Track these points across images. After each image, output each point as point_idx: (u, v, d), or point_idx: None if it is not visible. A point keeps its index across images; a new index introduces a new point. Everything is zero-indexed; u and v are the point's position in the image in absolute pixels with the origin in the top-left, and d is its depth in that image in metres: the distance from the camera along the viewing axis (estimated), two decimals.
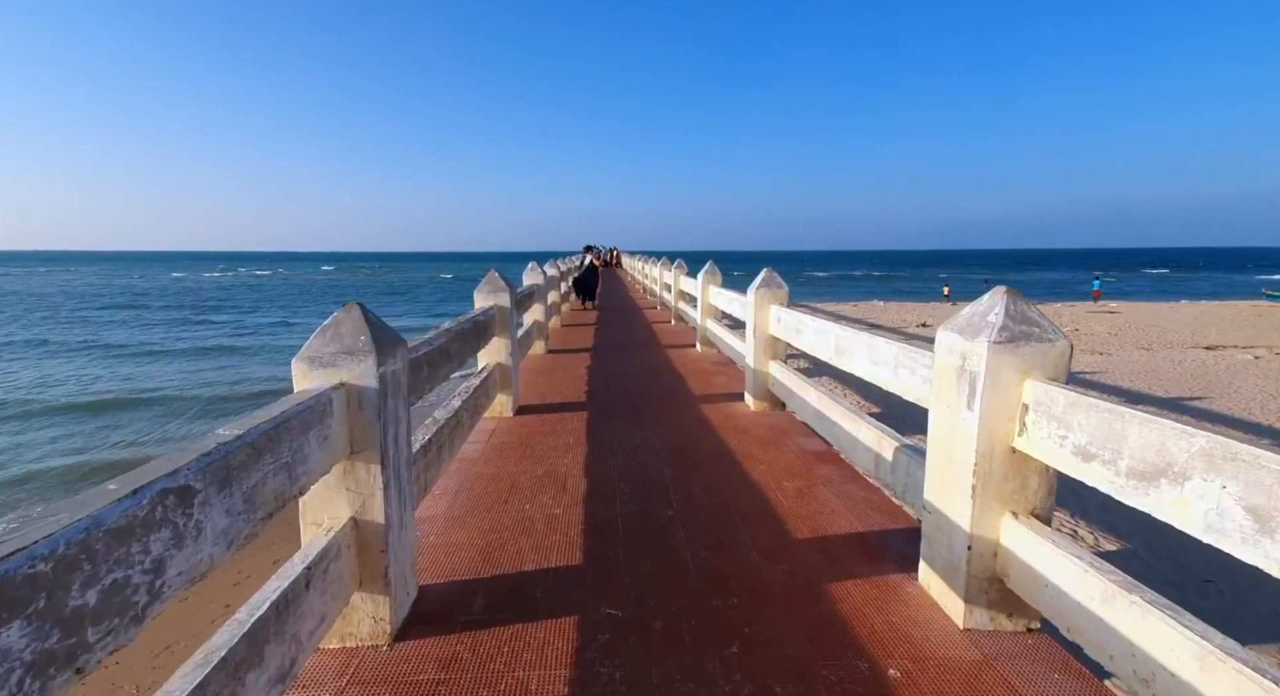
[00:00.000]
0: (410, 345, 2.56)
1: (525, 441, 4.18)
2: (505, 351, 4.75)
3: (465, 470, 3.64)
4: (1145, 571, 5.44)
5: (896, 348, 2.73)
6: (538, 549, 2.67)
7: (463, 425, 3.47)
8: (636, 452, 3.93)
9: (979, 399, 1.98)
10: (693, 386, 5.91)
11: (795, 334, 4.19)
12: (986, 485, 2.02)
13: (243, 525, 1.33)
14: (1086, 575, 1.69)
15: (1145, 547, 6.24)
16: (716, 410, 4.99)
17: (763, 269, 5.06)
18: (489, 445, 4.10)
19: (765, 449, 3.98)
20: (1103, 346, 19.64)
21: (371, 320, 2.00)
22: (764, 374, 4.92)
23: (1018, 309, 2.01)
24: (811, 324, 3.86)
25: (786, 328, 4.43)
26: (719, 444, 4.09)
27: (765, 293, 4.84)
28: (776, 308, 4.74)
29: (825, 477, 3.47)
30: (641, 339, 9.29)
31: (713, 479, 3.47)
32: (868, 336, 3.05)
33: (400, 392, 2.14)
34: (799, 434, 4.30)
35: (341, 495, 1.93)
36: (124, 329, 27.30)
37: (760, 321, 4.87)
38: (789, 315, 4.39)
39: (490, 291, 4.73)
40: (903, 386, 2.68)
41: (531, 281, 7.54)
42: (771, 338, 4.86)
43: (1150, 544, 6.28)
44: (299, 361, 1.88)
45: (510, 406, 4.84)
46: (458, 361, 3.36)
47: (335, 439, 1.80)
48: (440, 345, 2.96)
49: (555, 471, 3.61)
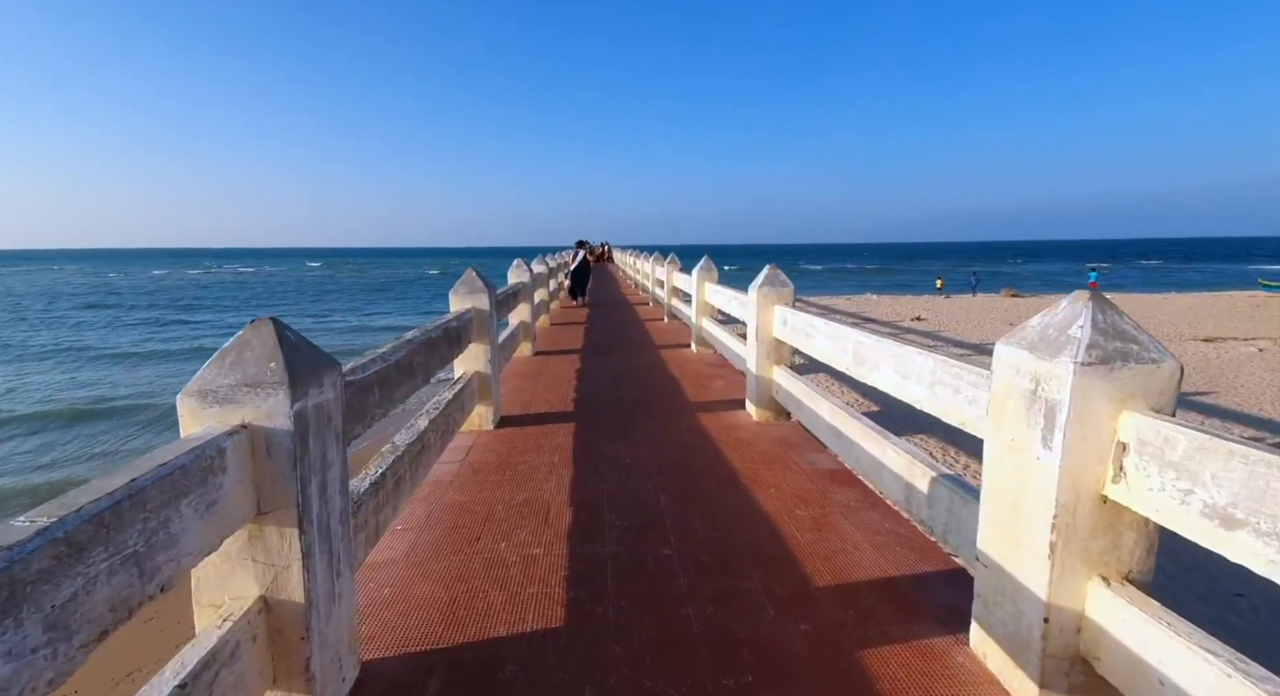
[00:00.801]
0: (353, 366, 2.12)
1: (505, 461, 3.74)
2: (484, 358, 4.30)
3: (435, 497, 3.20)
4: (1170, 584, 5.09)
5: (934, 362, 2.31)
6: (512, 604, 2.24)
7: (431, 447, 3.03)
8: (629, 473, 3.51)
9: (1060, 434, 1.57)
10: (689, 392, 5.49)
11: (804, 338, 3.77)
12: (1069, 542, 1.60)
13: (43, 666, 0.89)
14: (1208, 666, 1.28)
15: (1167, 558, 5.91)
16: (716, 420, 4.57)
17: (764, 265, 4.64)
18: (464, 465, 3.66)
19: (772, 468, 3.56)
20: None
21: (288, 340, 1.56)
22: (767, 380, 4.50)
23: (1109, 320, 1.59)
24: (824, 328, 3.44)
25: (793, 330, 4.01)
26: (721, 462, 3.67)
27: (769, 291, 4.42)
28: (781, 308, 4.32)
29: (843, 503, 3.06)
30: (634, 338, 8.86)
31: (715, 507, 3.05)
32: (894, 345, 2.63)
33: (331, 429, 1.70)
34: (808, 448, 3.88)
35: (246, 569, 1.49)
36: (93, 330, 26.32)
37: (763, 323, 4.44)
38: (796, 317, 3.97)
39: (467, 293, 4.28)
40: (942, 408, 2.26)
41: (517, 280, 7.09)
42: (775, 341, 4.44)
43: (1171, 552, 5.97)
44: (187, 397, 1.44)
45: (490, 418, 4.40)
46: (424, 375, 2.92)
47: (230, 501, 1.37)
48: (398, 360, 2.52)
49: (537, 498, 3.18)
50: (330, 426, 1.69)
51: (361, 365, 2.19)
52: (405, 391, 2.62)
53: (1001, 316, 25.05)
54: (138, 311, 34.07)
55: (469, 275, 4.31)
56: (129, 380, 15.98)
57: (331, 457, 1.69)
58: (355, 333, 25.36)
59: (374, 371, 2.24)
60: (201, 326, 27.86)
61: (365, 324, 28.46)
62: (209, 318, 31.57)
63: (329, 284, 59.16)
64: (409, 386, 2.67)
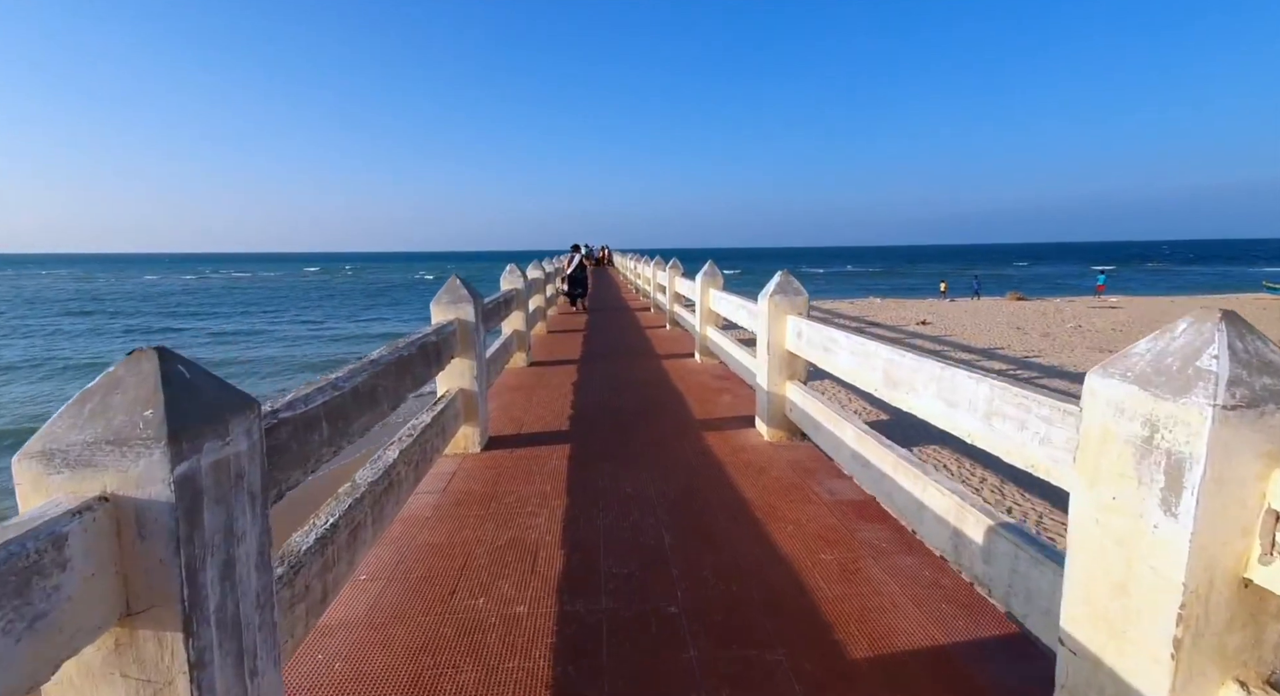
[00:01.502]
0: (294, 397, 1.75)
1: (490, 491, 3.36)
2: (469, 374, 3.93)
3: (408, 537, 2.82)
4: None
5: (990, 387, 1.93)
6: (487, 683, 1.86)
7: (402, 482, 2.65)
8: (629, 506, 3.12)
9: (1191, 499, 1.19)
10: (694, 407, 5.11)
11: (823, 353, 3.39)
12: (1198, 637, 1.22)
13: None
14: None
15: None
16: (724, 440, 4.19)
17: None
18: (445, 496, 3.28)
19: (790, 499, 3.18)
20: (1110, 343, 19.02)
21: (177, 377, 1.18)
22: (779, 397, 4.12)
23: (1251, 349, 1.22)
24: (847, 342, 3.06)
25: (810, 344, 3.63)
26: (731, 491, 3.29)
27: (781, 300, 4.04)
28: (795, 319, 3.94)
29: (872, 544, 2.68)
30: (634, 346, 8.48)
31: (727, 549, 2.67)
32: (937, 365, 2.25)
33: (242, 490, 1.32)
34: (827, 474, 3.50)
35: (113, 687, 1.12)
36: (70, 340, 25.24)
37: (775, 335, 4.06)
38: (813, 329, 3.59)
39: (450, 303, 3.90)
40: (1004, 446, 1.88)
41: (510, 286, 6.72)
42: (789, 354, 4.06)
43: None
44: (26, 460, 1.07)
45: (477, 440, 4.02)
46: (392, 400, 2.55)
47: (73, 608, 0.99)
48: (356, 386, 2.15)
49: (524, 538, 2.80)
50: (241, 486, 1.31)
51: (305, 395, 1.81)
52: (367, 421, 2.24)
53: (1008, 320, 24.68)
54: (122, 318, 33.23)
55: (452, 283, 3.94)
56: None
57: (242, 528, 1.31)
58: (352, 342, 24.56)
59: (320, 402, 1.86)
60: (188, 333, 27.06)
61: (364, 332, 27.58)
62: (197, 324, 30.75)
63: (325, 289, 58.41)
64: (372, 415, 2.29)
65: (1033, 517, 6.66)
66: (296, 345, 23.54)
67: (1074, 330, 21.89)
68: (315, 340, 24.70)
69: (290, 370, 17.68)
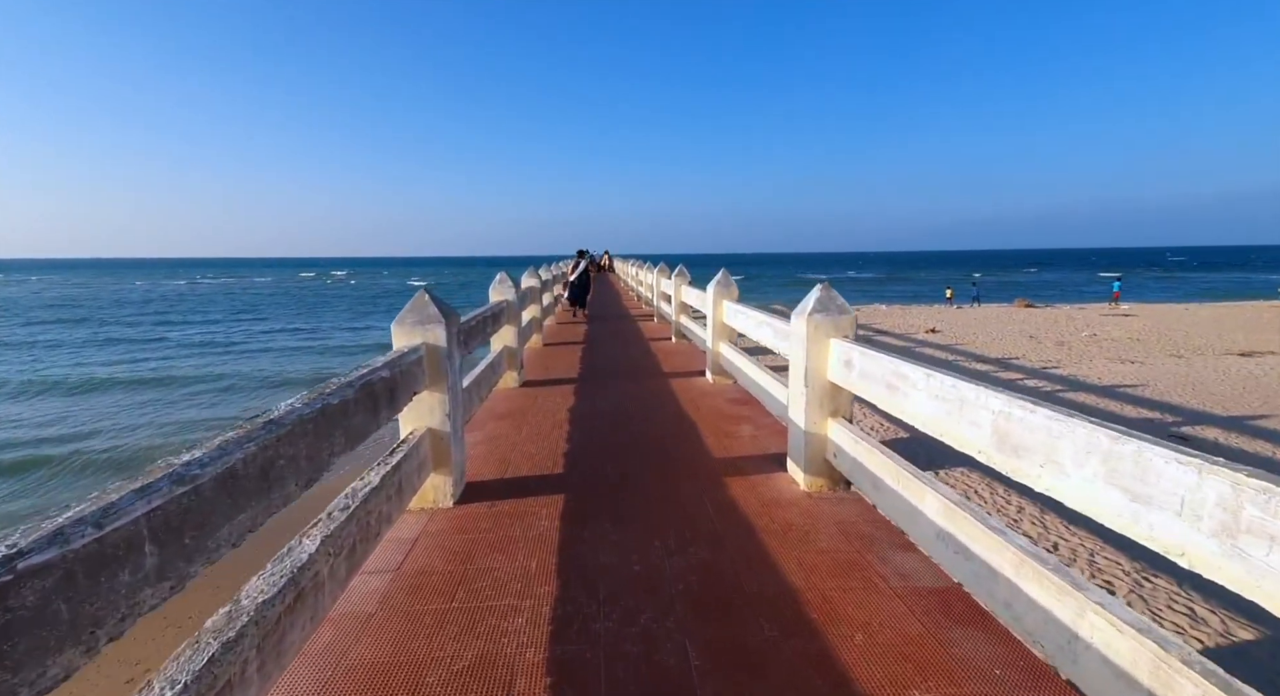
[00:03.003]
0: (56, 526, 1.00)
1: (458, 570, 2.59)
2: (440, 411, 3.17)
3: (338, 651, 2.06)
4: None
5: (1223, 481, 1.19)
6: None
7: (322, 587, 1.89)
8: (638, 597, 2.36)
9: None
10: (710, 441, 4.35)
11: (886, 392, 2.63)
12: None
13: None
14: None
15: None
16: (750, 489, 3.43)
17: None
18: (397, 580, 2.51)
19: (848, 585, 2.42)
20: (1129, 353, 18.29)
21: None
22: (819, 438, 3.36)
23: None
24: (925, 381, 2.30)
25: (866, 378, 2.87)
26: (770, 574, 2.52)
27: (822, 320, 3.29)
28: (841, 343, 3.19)
29: (982, 671, 1.91)
30: (638, 362, 7.72)
31: (776, 675, 1.91)
32: (1102, 432, 1.50)
33: None
34: (889, 543, 2.74)
35: None
36: (27, 351, 23.57)
37: (815, 362, 3.31)
38: (870, 359, 2.83)
39: (416, 324, 3.13)
40: (1272, 586, 1.13)
41: (499, 298, 5.97)
42: (831, 386, 3.30)
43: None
44: None
45: (449, 491, 3.26)
46: (308, 472, 1.80)
47: None
48: (232, 467, 1.40)
49: (495, 655, 2.03)
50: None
51: (105, 506, 1.06)
52: (251, 519, 1.49)
53: (1019, 329, 23.98)
54: (103, 327, 31.34)
55: (419, 300, 3.17)
56: (36, 415, 13.78)
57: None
58: (345, 353, 23.26)
59: (133, 518, 1.11)
60: (161, 346, 24.84)
61: (357, 341, 26.10)
62: (181, 333, 29.14)
63: (321, 294, 57.17)
64: (261, 507, 1.54)
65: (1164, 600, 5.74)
66: (295, 356, 22.38)
67: (1089, 339, 21.18)
68: (309, 352, 23.24)
69: (267, 387, 16.64)
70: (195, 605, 4.11)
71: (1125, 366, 16.19)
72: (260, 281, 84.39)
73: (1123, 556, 6.49)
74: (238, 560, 1.68)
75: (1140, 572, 6.17)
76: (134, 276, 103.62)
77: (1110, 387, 13.70)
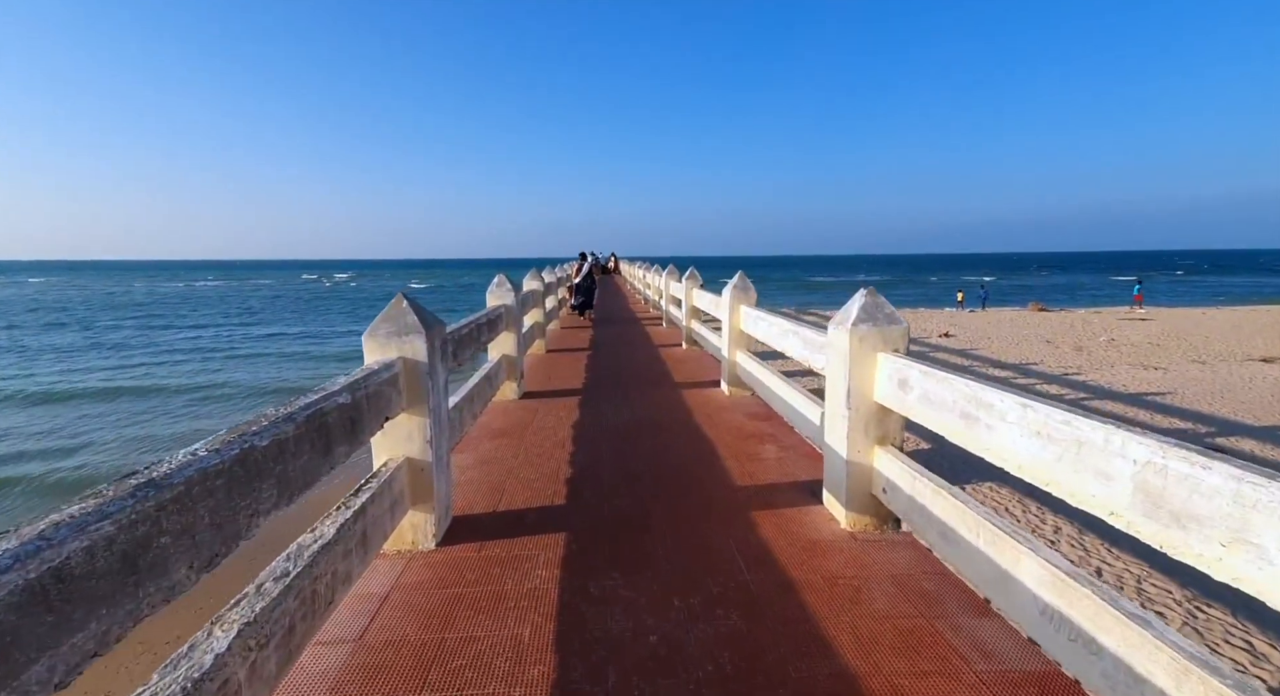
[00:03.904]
0: None
1: (433, 643, 2.09)
2: (420, 437, 2.69)
3: None
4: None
5: None
6: None
7: (246, 689, 1.41)
8: (652, 683, 1.87)
9: None
10: (731, 466, 3.85)
11: (960, 422, 2.13)
12: None
13: None
14: None
15: None
16: (783, 528, 2.93)
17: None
18: (357, 655, 2.02)
19: (918, 665, 1.92)
20: (1150, 358, 17.74)
21: None
22: (864, 469, 2.86)
23: None
24: (1019, 412, 1.81)
25: (930, 402, 2.37)
26: (820, 650, 2.01)
27: (868, 332, 2.79)
28: (891, 359, 2.69)
29: None
30: (647, 371, 7.22)
31: None
32: None
33: None
34: (963, 605, 2.24)
35: None
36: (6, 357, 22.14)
37: (859, 381, 2.80)
38: (934, 380, 2.33)
39: (391, 334, 2.64)
40: None
41: (497, 303, 5.50)
42: (879, 408, 2.80)
43: None
44: None
45: (430, 532, 2.77)
46: (209, 549, 1.32)
47: None
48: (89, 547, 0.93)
49: None
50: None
51: None
52: (90, 639, 1.01)
53: (1035, 333, 23.43)
54: (86, 332, 29.89)
55: (396, 307, 2.69)
56: None
57: None
58: (309, 359, 21.82)
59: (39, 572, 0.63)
60: (148, 352, 23.48)
61: (321, 350, 24.07)
62: (175, 336, 28.16)
63: (319, 296, 56.44)
64: (114, 617, 1.06)
65: None
66: (295, 362, 21.47)
67: (1108, 344, 20.63)
68: (304, 361, 21.98)
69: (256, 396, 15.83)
70: None
71: (1149, 373, 15.64)
72: (260, 284, 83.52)
73: (1173, 583, 5.97)
74: None
75: (1192, 601, 5.64)
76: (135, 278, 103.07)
77: (1137, 396, 13.16)
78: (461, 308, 44.77)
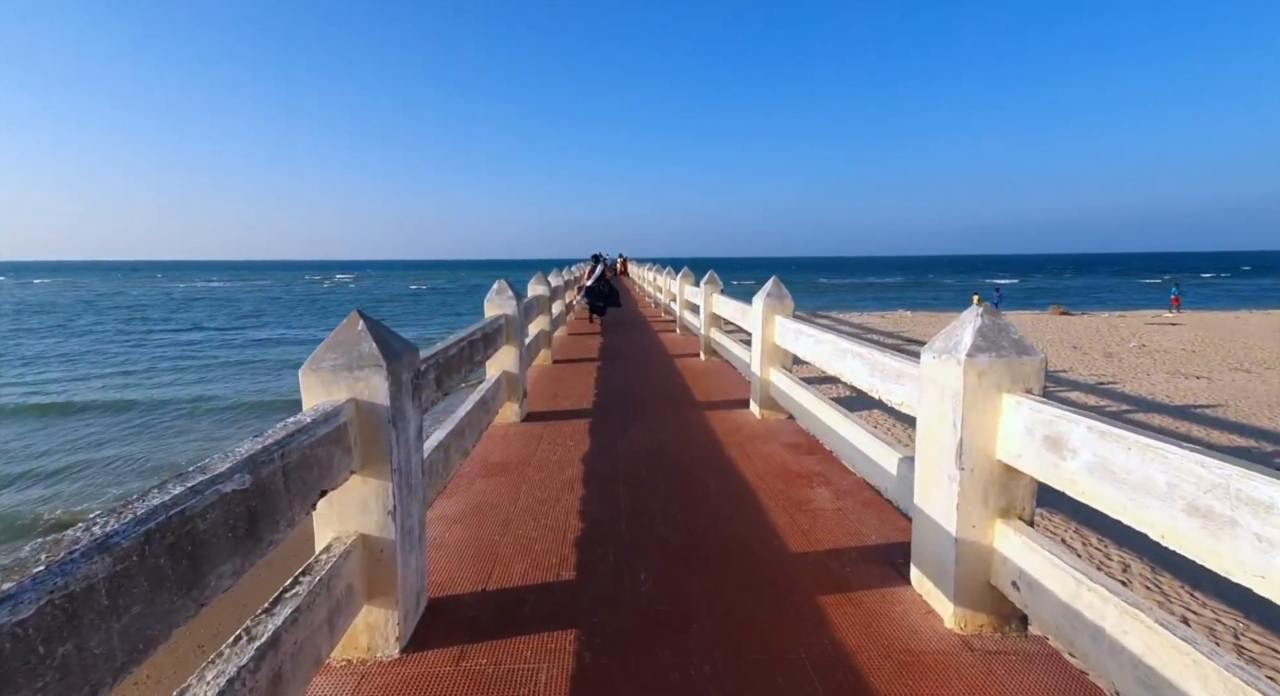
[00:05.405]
0: None
1: None
2: (378, 507, 1.95)
3: None
4: None
5: None
6: None
7: None
8: None
9: None
10: (776, 518, 3.09)
11: (1199, 524, 1.38)
12: None
13: None
14: None
15: None
16: (862, 624, 2.18)
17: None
18: None
19: None
20: (1188, 366, 16.83)
21: None
22: (982, 551, 2.11)
23: None
24: None
25: (1112, 477, 1.61)
26: None
27: (991, 365, 2.03)
28: (1025, 402, 1.94)
29: None
30: (664, 386, 6.47)
31: None
32: None
33: None
34: None
35: None
36: None
37: (976, 431, 2.04)
38: (1127, 447, 1.57)
39: (338, 369, 1.91)
40: None
41: (497, 312, 4.78)
42: (1004, 470, 2.06)
43: None
44: None
45: (393, 631, 2.04)
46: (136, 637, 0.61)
47: None
48: None
49: None
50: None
51: None
52: None
53: (1060, 337, 22.54)
54: (64, 337, 28.27)
55: (349, 328, 1.94)
56: None
57: None
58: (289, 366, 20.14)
59: None
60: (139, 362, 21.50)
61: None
62: (170, 336, 27.14)
63: (315, 298, 54.94)
64: None
65: None
66: (289, 368, 20.49)
67: (1139, 350, 19.72)
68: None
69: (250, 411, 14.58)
70: None
71: (1190, 382, 14.75)
72: (260, 284, 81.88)
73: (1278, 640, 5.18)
74: None
75: None
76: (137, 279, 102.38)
77: (1183, 408, 12.30)
78: (464, 310, 43.85)
